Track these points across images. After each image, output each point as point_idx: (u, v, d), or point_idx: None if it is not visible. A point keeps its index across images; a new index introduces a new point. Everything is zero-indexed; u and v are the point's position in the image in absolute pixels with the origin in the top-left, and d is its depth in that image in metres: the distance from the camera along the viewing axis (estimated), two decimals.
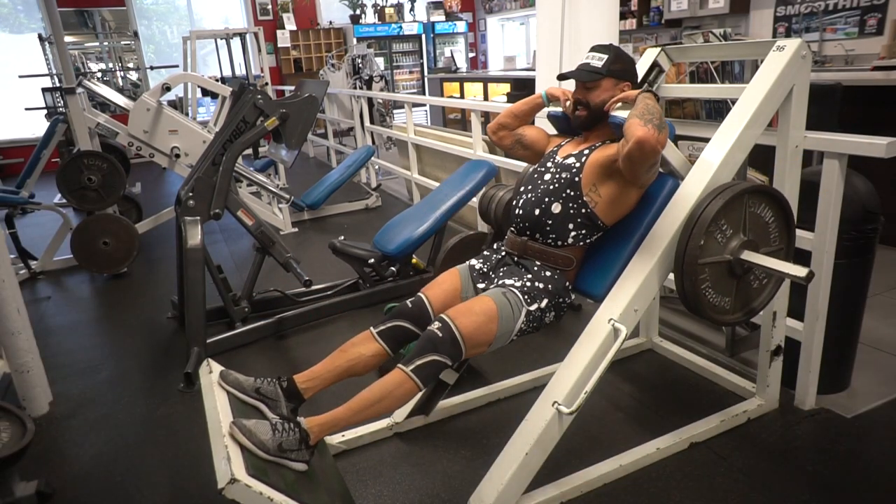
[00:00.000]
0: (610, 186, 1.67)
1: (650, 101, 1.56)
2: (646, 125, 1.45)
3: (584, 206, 1.68)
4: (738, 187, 1.58)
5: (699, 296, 1.61)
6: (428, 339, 1.56)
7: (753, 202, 1.63)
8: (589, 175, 1.68)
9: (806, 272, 1.51)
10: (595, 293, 1.73)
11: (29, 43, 8.42)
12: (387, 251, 2.90)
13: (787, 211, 1.69)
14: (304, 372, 1.67)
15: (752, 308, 1.73)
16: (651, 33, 7.51)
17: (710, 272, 1.62)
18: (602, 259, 1.76)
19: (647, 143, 1.44)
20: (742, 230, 1.64)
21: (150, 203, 5.42)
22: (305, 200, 4.81)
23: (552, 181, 1.73)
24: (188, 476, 1.93)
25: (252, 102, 2.67)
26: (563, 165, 1.74)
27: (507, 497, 1.55)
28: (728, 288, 1.67)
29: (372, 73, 6.88)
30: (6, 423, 1.59)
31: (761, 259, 1.60)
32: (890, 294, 2.85)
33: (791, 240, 1.73)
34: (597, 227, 1.71)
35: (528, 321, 1.66)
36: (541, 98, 1.90)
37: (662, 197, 1.72)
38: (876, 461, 1.80)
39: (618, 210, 1.70)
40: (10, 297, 2.20)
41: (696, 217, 1.57)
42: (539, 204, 1.72)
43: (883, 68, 4.17)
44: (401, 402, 1.56)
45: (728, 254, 1.63)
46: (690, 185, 1.67)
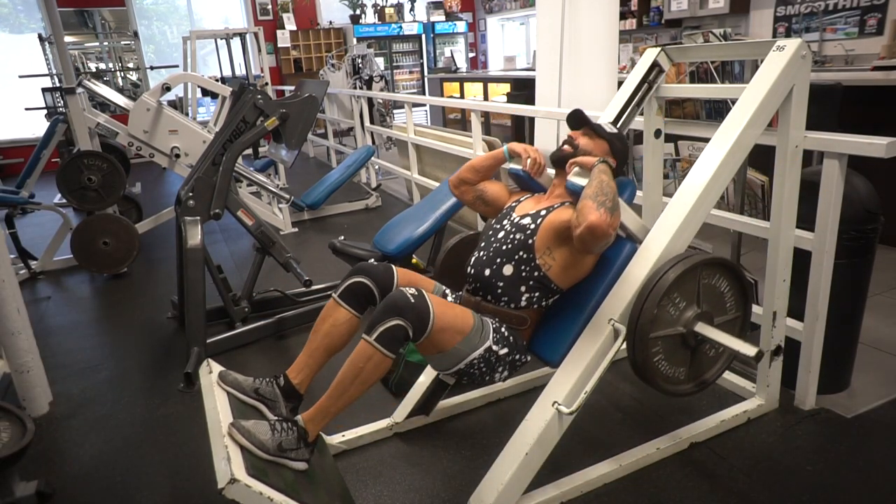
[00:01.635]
0: (564, 251, 1.61)
1: (605, 176, 1.54)
2: (598, 209, 1.42)
3: (536, 270, 1.62)
4: (691, 260, 1.56)
5: (651, 367, 1.58)
6: (394, 302, 1.47)
7: (708, 274, 1.61)
8: (543, 238, 1.62)
9: (755, 351, 1.49)
10: (551, 359, 1.67)
11: (29, 43, 8.42)
12: (387, 251, 2.89)
13: (742, 280, 1.66)
14: (291, 366, 1.66)
15: (706, 379, 1.70)
16: (651, 33, 7.51)
17: (663, 344, 1.59)
18: (558, 324, 1.70)
19: (598, 229, 1.41)
20: (696, 302, 1.61)
21: (150, 203, 5.42)
22: (305, 200, 4.81)
23: (505, 241, 1.68)
24: (188, 476, 1.93)
25: (252, 102, 2.67)
26: (518, 225, 1.68)
27: (507, 497, 1.55)
28: (682, 359, 1.65)
29: (372, 73, 6.88)
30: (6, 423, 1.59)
31: (714, 333, 1.58)
32: (890, 294, 2.85)
33: (747, 308, 1.71)
34: (551, 290, 1.65)
35: (482, 359, 1.57)
36: (502, 153, 1.83)
37: (620, 262, 1.67)
38: (876, 461, 1.80)
39: (573, 275, 1.66)
40: (10, 297, 2.20)
41: (649, 290, 1.54)
42: (490, 264, 1.67)
43: (883, 68, 4.17)
44: (377, 375, 1.48)
45: (681, 326, 1.60)
46: (646, 253, 1.63)
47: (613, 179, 1.56)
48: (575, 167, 1.65)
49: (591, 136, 1.76)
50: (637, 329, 1.54)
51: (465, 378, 1.63)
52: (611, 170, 1.60)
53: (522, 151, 1.79)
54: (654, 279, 1.55)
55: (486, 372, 1.61)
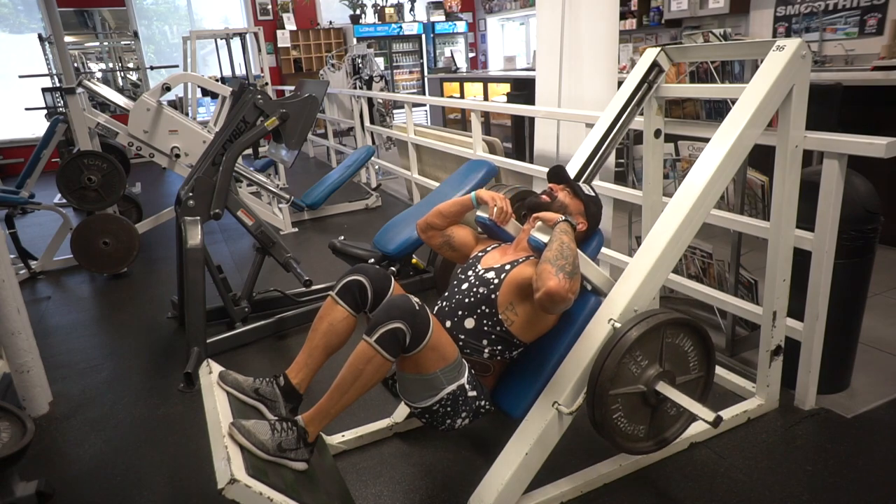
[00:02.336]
0: (527, 307, 1.60)
1: (566, 237, 1.53)
2: (557, 273, 1.42)
3: (498, 325, 1.61)
4: (654, 319, 1.53)
5: (609, 424, 1.56)
6: (398, 304, 1.46)
7: (671, 333, 1.60)
8: (506, 294, 1.61)
9: (713, 417, 1.47)
10: (513, 413, 1.65)
11: (29, 43, 8.42)
12: (387, 251, 2.89)
13: (706, 341, 1.65)
14: (291, 366, 1.66)
15: (666, 437, 1.68)
16: (651, 33, 7.51)
17: (623, 401, 1.57)
18: (521, 378, 1.69)
19: (556, 295, 1.40)
20: (659, 360, 1.59)
21: (150, 203, 5.43)
22: (305, 200, 4.81)
23: (468, 293, 1.66)
24: (188, 476, 1.93)
25: (252, 102, 2.67)
26: (482, 279, 1.67)
27: (507, 497, 1.55)
28: (642, 416, 1.63)
29: (372, 73, 6.88)
30: (6, 423, 1.59)
31: (674, 394, 1.55)
32: (890, 294, 2.85)
33: (710, 369, 1.69)
34: (513, 344, 1.64)
35: (452, 397, 1.54)
36: (470, 200, 1.80)
37: (584, 316, 1.66)
38: (876, 461, 1.80)
39: (535, 329, 1.64)
40: (10, 297, 2.20)
41: (611, 347, 1.51)
42: (452, 316, 1.65)
43: (883, 68, 4.17)
44: (377, 377, 1.47)
45: (642, 384, 1.58)
46: (610, 308, 1.61)
47: (574, 241, 1.56)
48: (538, 222, 1.64)
49: (570, 195, 1.78)
50: (597, 386, 1.51)
51: (427, 417, 1.59)
52: (573, 230, 1.60)
53: (490, 200, 1.75)
54: (618, 335, 1.52)
55: (449, 413, 1.57)
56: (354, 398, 1.49)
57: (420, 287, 3.17)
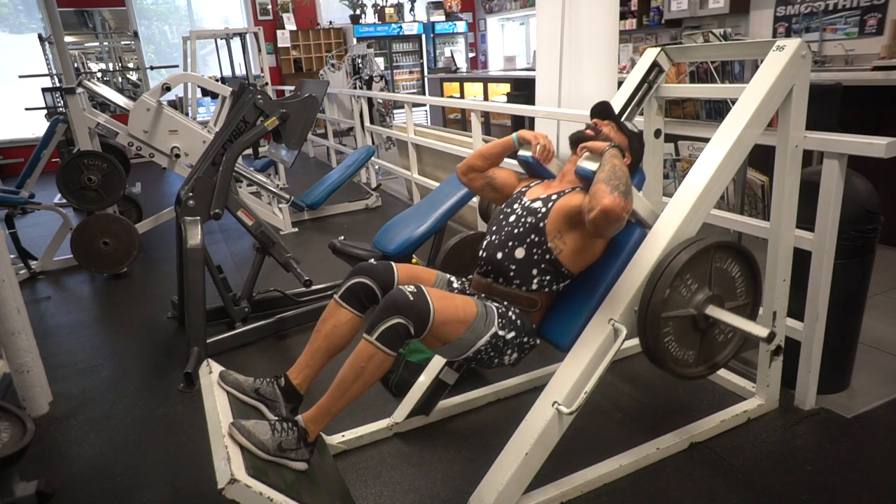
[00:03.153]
0: (575, 235, 1.62)
1: (617, 160, 1.54)
2: (612, 192, 1.42)
3: (548, 253, 1.62)
4: (703, 242, 1.56)
5: (661, 349, 1.59)
6: (393, 300, 1.47)
7: (720, 257, 1.61)
8: (554, 222, 1.62)
9: (767, 333, 1.49)
10: (562, 343, 1.68)
11: (29, 43, 8.42)
12: (387, 251, 2.89)
13: (753, 267, 1.66)
14: (292, 367, 1.66)
15: (716, 362, 1.70)
16: (651, 33, 7.51)
17: (674, 325, 1.59)
18: (568, 308, 1.71)
19: (612, 213, 1.41)
20: (707, 284, 1.61)
21: (150, 203, 5.43)
22: (305, 200, 4.81)
23: (517, 224, 1.68)
24: (188, 476, 1.93)
25: (252, 102, 2.67)
26: (529, 209, 1.69)
27: (507, 497, 1.55)
28: (692, 341, 1.65)
29: (372, 73, 6.88)
30: (6, 423, 1.59)
31: (725, 315, 1.58)
32: (890, 294, 2.85)
33: (757, 295, 1.71)
34: (562, 274, 1.66)
35: (489, 345, 1.58)
36: (511, 140, 1.84)
37: (630, 247, 1.68)
38: (876, 461, 1.80)
39: (583, 258, 1.66)
40: (10, 297, 2.20)
41: (661, 270, 1.54)
42: (503, 247, 1.67)
43: (883, 68, 4.18)
44: (378, 374, 1.48)
45: (692, 308, 1.60)
46: (658, 237, 1.64)
47: (625, 165, 1.56)
48: (586, 151, 1.66)
49: (613, 129, 1.77)
50: (648, 309, 1.54)
51: (475, 363, 1.65)
52: (622, 156, 1.61)
53: (532, 138, 1.80)
54: (667, 260, 1.55)
55: (494, 356, 1.63)
56: (356, 396, 1.50)
57: None
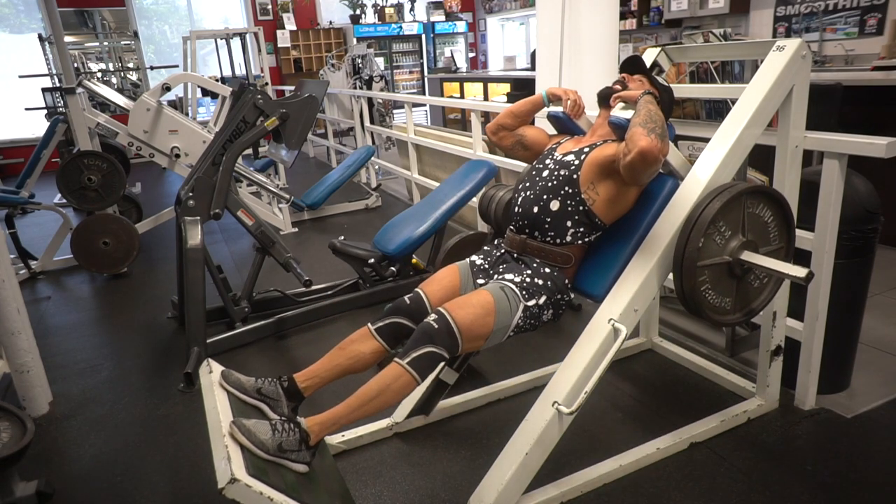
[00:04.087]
0: (608, 185, 1.65)
1: (652, 106, 1.56)
2: (649, 135, 1.45)
3: (582, 204, 1.66)
4: (735, 188, 1.58)
5: (699, 297, 1.61)
6: (423, 332, 1.54)
7: (752, 203, 1.63)
8: (587, 173, 1.66)
9: (805, 273, 1.51)
10: (595, 293, 1.72)
11: (29, 43, 8.42)
12: (387, 251, 2.90)
13: (786, 210, 1.68)
14: (303, 371, 1.66)
15: (753, 308, 1.72)
16: (651, 33, 7.51)
17: (710, 273, 1.61)
18: (601, 259, 1.75)
19: (650, 154, 1.44)
20: (741, 231, 1.63)
21: (150, 203, 5.43)
22: (305, 200, 4.81)
23: (550, 178, 1.72)
24: (188, 476, 1.93)
25: (252, 102, 2.67)
26: (561, 162, 1.73)
27: (507, 497, 1.55)
28: (728, 288, 1.67)
29: (372, 73, 6.88)
30: (6, 423, 1.59)
31: (761, 259, 1.60)
32: (890, 294, 2.85)
33: (791, 238, 1.72)
34: (595, 225, 1.69)
35: (526, 317, 1.64)
36: (541, 97, 1.89)
37: (662, 197, 1.71)
38: (876, 461, 1.80)
39: (616, 209, 1.70)
40: (10, 297, 2.20)
41: (695, 219, 1.56)
42: (538, 201, 1.71)
43: (883, 68, 4.17)
44: (399, 397, 1.53)
45: (727, 255, 1.62)
46: (690, 186, 1.66)
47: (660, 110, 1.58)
48: (619, 101, 1.68)
49: (643, 84, 1.79)
50: (684, 258, 1.55)
51: (520, 332, 1.67)
52: (657, 102, 1.62)
53: (562, 94, 1.84)
54: (700, 208, 1.56)
55: (535, 323, 1.68)
56: (372, 412, 1.52)
57: None
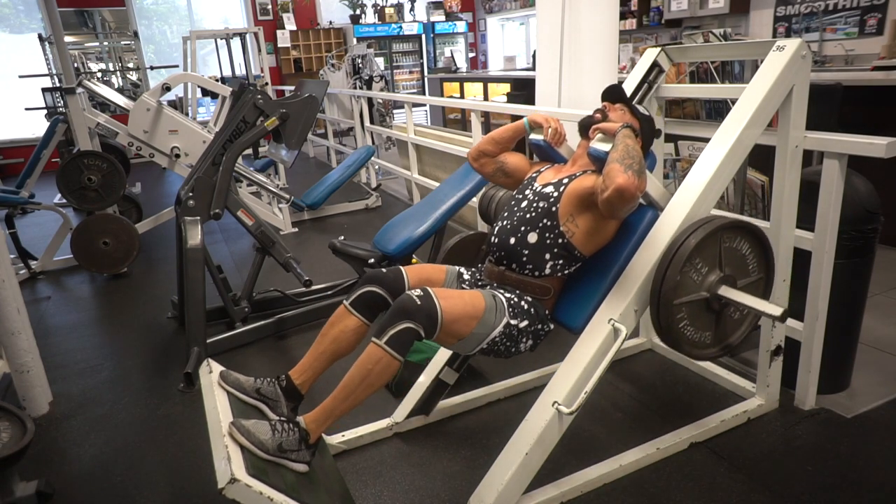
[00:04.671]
0: (588, 218, 1.63)
1: (630, 140, 1.54)
2: (626, 171, 1.43)
3: (560, 237, 1.64)
4: (711, 224, 1.56)
5: (676, 333, 1.59)
6: (402, 306, 1.49)
7: (729, 237, 1.61)
8: (566, 205, 1.64)
9: (780, 311, 1.50)
10: (574, 325, 1.69)
11: (29, 43, 8.42)
12: (387, 251, 2.89)
13: (763, 242, 1.67)
14: (295, 367, 1.67)
15: (731, 342, 1.70)
16: (651, 33, 7.51)
17: (688, 309, 1.60)
18: (581, 291, 1.71)
19: (627, 191, 1.42)
20: (718, 266, 1.61)
21: (150, 203, 5.43)
22: (305, 200, 4.81)
23: (529, 209, 1.69)
24: (188, 476, 1.93)
25: (252, 102, 2.67)
26: (540, 194, 1.70)
27: (507, 497, 1.55)
28: (707, 322, 1.65)
29: (372, 73, 6.88)
30: (6, 423, 1.59)
31: (738, 296, 1.58)
32: (890, 294, 2.85)
33: (770, 269, 1.71)
34: (574, 257, 1.67)
35: (504, 335, 1.60)
36: (523, 124, 1.84)
37: (642, 229, 1.69)
38: (876, 461, 1.80)
39: (595, 241, 1.67)
40: (10, 297, 2.20)
41: (671, 256, 1.54)
42: (515, 233, 1.68)
43: (883, 68, 4.17)
44: (384, 378, 1.49)
45: (704, 290, 1.60)
46: (668, 219, 1.65)
47: (638, 145, 1.56)
48: (598, 133, 1.66)
49: (624, 113, 1.77)
50: (661, 296, 1.55)
51: (491, 354, 1.65)
52: (635, 136, 1.61)
53: (543, 121, 1.81)
54: (676, 245, 1.56)
55: (510, 346, 1.63)
56: (361, 399, 1.51)
57: None
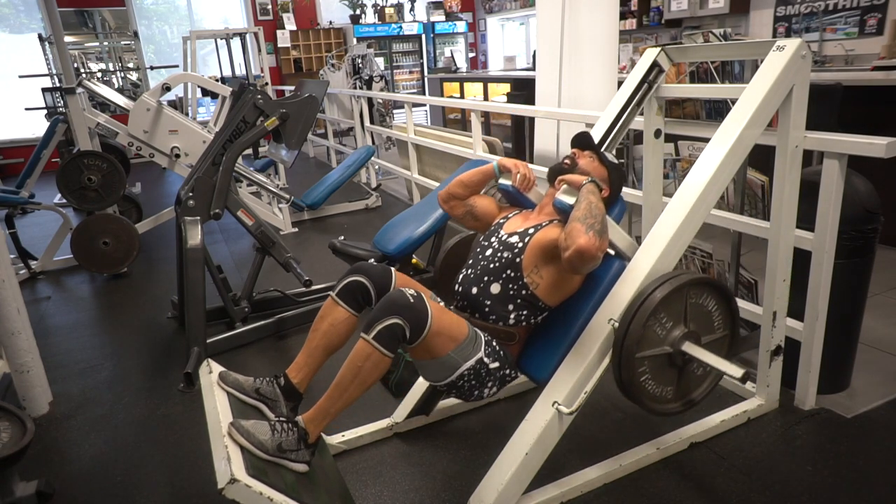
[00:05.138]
0: (552, 269, 1.60)
1: (594, 197, 1.53)
2: (587, 231, 1.42)
3: (524, 288, 1.61)
4: (677, 280, 1.54)
5: (637, 387, 1.57)
6: (394, 300, 1.47)
7: (695, 293, 1.60)
8: (531, 256, 1.61)
9: (741, 373, 1.48)
10: (539, 377, 1.66)
11: (29, 43, 8.42)
12: (387, 251, 2.89)
13: (730, 300, 1.65)
14: (291, 365, 1.66)
15: (693, 398, 1.68)
16: (651, 33, 7.51)
17: (650, 364, 1.58)
18: (546, 341, 1.69)
19: (587, 253, 1.40)
20: (683, 321, 1.60)
21: (150, 203, 5.43)
22: (305, 200, 4.81)
23: (493, 258, 1.67)
24: (188, 476, 1.93)
25: (252, 102, 2.67)
26: (505, 243, 1.68)
27: (507, 497, 1.55)
28: (669, 377, 1.63)
29: (372, 73, 6.88)
30: (6, 423, 1.59)
31: (701, 353, 1.56)
32: (890, 294, 2.85)
33: (735, 326, 1.69)
34: (539, 308, 1.65)
35: (473, 372, 1.56)
36: (492, 168, 1.81)
37: (608, 280, 1.66)
38: (876, 461, 1.80)
39: (561, 292, 1.65)
40: (10, 297, 2.20)
41: (634, 310, 1.52)
42: (478, 282, 1.66)
43: (883, 68, 4.17)
44: (375, 375, 1.47)
45: (668, 345, 1.59)
46: (634, 273, 1.62)
47: (601, 201, 1.56)
48: (563, 184, 1.64)
49: (593, 160, 1.77)
50: (623, 350, 1.52)
51: (455, 392, 1.61)
52: (599, 192, 1.60)
53: (512, 167, 1.77)
54: (641, 299, 1.53)
55: (475, 386, 1.59)
56: (355, 397, 1.49)
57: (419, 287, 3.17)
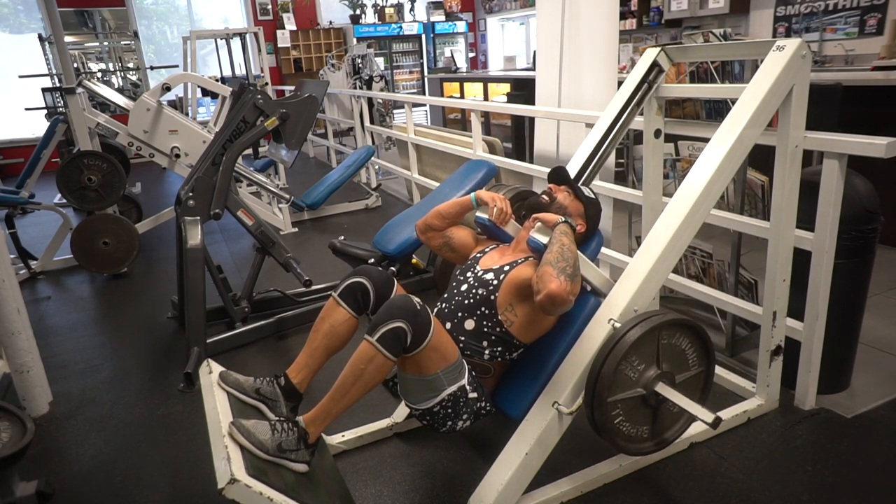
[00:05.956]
0: (526, 308, 1.60)
1: (567, 239, 1.53)
2: (559, 276, 1.41)
3: (498, 325, 1.61)
4: (650, 322, 1.53)
5: (611, 428, 1.56)
6: (400, 304, 1.47)
7: (667, 334, 1.59)
8: (505, 294, 1.61)
9: (713, 418, 1.47)
10: (514, 414, 1.65)
11: (29, 43, 8.42)
12: (387, 251, 2.89)
13: (704, 338, 1.64)
14: (292, 365, 1.66)
15: (666, 438, 1.67)
16: (651, 33, 7.51)
17: (623, 406, 1.57)
18: (521, 379, 1.69)
19: (558, 297, 1.40)
20: (656, 362, 1.59)
21: (150, 203, 5.43)
22: (305, 200, 4.81)
23: (468, 295, 1.66)
24: (188, 476, 1.93)
25: (252, 102, 2.67)
26: (481, 280, 1.67)
27: (507, 497, 1.55)
28: (643, 417, 1.62)
29: (372, 73, 6.88)
30: (6, 423, 1.59)
31: (674, 395, 1.55)
32: (890, 294, 2.85)
33: (710, 364, 1.68)
34: (513, 345, 1.64)
35: (452, 400, 1.55)
36: (469, 201, 1.79)
37: (583, 317, 1.65)
38: (876, 461, 1.80)
39: (535, 330, 1.65)
40: (10, 297, 2.20)
41: (606, 353, 1.51)
42: (452, 317, 1.66)
43: (883, 68, 4.17)
44: (378, 378, 1.47)
45: (641, 386, 1.58)
46: (607, 312, 1.60)
47: (574, 242, 1.56)
48: (538, 223, 1.63)
49: (569, 194, 1.78)
50: (595, 393, 1.51)
51: (429, 419, 1.60)
52: (573, 232, 1.60)
53: (489, 200, 1.74)
54: (613, 342, 1.52)
55: (450, 416, 1.58)
56: (356, 399, 1.49)
57: (420, 287, 3.17)
